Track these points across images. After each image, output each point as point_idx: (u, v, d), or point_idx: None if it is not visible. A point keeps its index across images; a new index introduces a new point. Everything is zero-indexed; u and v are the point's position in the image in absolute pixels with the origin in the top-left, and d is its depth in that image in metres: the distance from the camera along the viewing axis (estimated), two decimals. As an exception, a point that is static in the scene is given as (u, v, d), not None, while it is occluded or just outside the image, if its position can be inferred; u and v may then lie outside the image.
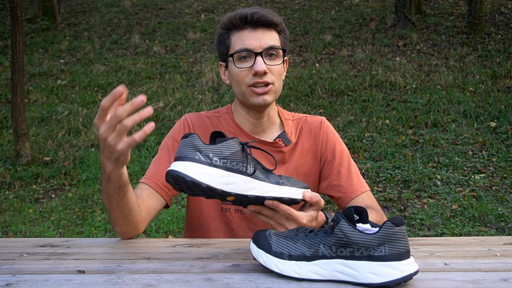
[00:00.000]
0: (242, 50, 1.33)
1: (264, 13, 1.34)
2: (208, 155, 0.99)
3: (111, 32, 9.67)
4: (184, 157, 0.99)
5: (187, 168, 0.97)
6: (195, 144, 1.00)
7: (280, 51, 1.36)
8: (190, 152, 0.99)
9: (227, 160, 1.00)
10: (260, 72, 1.31)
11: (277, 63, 1.35)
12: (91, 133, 6.24)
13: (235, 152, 1.02)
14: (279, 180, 1.08)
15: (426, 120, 5.89)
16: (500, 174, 4.79)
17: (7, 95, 7.33)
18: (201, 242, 1.25)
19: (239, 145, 1.04)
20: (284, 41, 1.40)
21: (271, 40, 1.34)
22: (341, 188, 1.42)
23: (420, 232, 3.87)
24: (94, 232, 4.17)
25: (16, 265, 1.06)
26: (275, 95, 1.37)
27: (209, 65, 7.76)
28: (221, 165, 1.00)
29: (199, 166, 0.98)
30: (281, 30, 1.38)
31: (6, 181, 5.38)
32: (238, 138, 1.06)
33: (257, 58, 1.31)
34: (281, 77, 1.39)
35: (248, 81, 1.33)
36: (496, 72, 6.86)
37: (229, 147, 1.02)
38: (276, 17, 1.36)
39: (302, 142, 1.45)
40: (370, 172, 4.91)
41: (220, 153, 1.00)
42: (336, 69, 7.44)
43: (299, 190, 1.09)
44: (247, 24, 1.34)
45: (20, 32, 5.71)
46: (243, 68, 1.33)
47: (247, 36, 1.33)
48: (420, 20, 8.85)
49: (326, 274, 0.92)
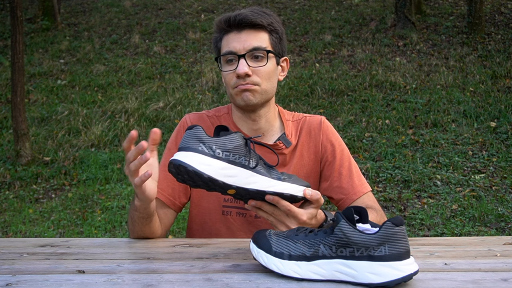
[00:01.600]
0: (227, 53, 1.33)
1: (247, 14, 1.32)
2: (211, 147, 1.00)
3: (111, 32, 9.67)
4: (187, 147, 1.00)
5: (190, 158, 0.98)
6: (199, 136, 1.01)
7: (268, 52, 1.33)
8: (194, 143, 1.00)
9: (229, 153, 1.01)
10: (242, 75, 1.30)
11: (262, 64, 1.32)
12: (91, 133, 6.24)
13: (238, 145, 1.03)
14: (280, 176, 1.08)
15: (426, 120, 5.89)
16: (500, 174, 4.79)
17: (7, 95, 7.33)
18: (201, 242, 1.25)
19: (242, 140, 1.04)
20: (276, 41, 1.36)
21: (256, 41, 1.32)
22: (343, 189, 1.40)
23: (420, 232, 3.87)
24: (94, 232, 4.17)
25: (16, 265, 1.06)
26: (262, 96, 1.34)
27: (209, 65, 7.76)
28: (224, 157, 1.00)
29: (201, 157, 0.99)
30: (272, 30, 1.35)
31: (6, 181, 5.38)
32: (242, 133, 1.06)
33: (240, 60, 1.30)
34: (272, 79, 1.36)
35: (233, 84, 1.33)
36: (496, 72, 6.86)
37: (232, 141, 1.02)
38: (263, 18, 1.33)
39: (302, 143, 1.44)
40: (370, 172, 4.91)
41: (223, 145, 1.01)
42: (336, 69, 7.45)
43: (300, 187, 1.09)
44: (232, 27, 1.33)
45: (20, 32, 5.71)
46: (228, 71, 1.33)
47: (232, 38, 1.33)
48: (420, 20, 8.85)
49: (326, 274, 0.92)
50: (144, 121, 6.47)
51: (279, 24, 1.38)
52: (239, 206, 1.40)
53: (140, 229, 1.28)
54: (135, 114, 6.62)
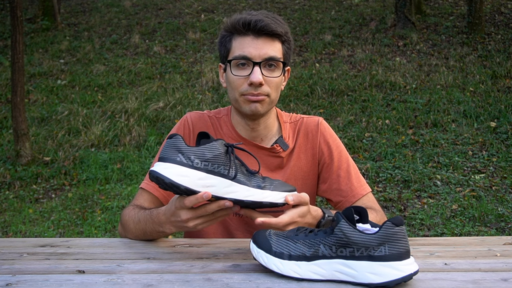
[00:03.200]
0: (241, 57, 1.29)
1: (269, 21, 1.29)
2: (189, 157, 1.00)
3: (111, 32, 9.67)
4: (166, 158, 1.01)
5: (167, 170, 0.99)
6: (178, 146, 1.01)
7: (281, 63, 1.32)
8: (172, 154, 1.00)
9: (208, 162, 1.01)
10: (256, 83, 1.28)
11: (276, 75, 1.31)
12: (91, 133, 6.24)
13: (218, 154, 1.02)
14: (261, 183, 1.07)
15: (426, 120, 5.89)
16: (500, 174, 4.79)
17: (7, 95, 7.33)
18: (201, 242, 1.25)
19: (223, 147, 1.04)
20: (287, 51, 1.35)
21: (272, 50, 1.30)
22: (341, 192, 1.39)
23: (420, 232, 3.87)
24: (94, 232, 4.17)
25: (16, 265, 1.06)
26: (269, 106, 1.34)
27: (209, 65, 7.76)
28: (202, 167, 1.00)
29: (179, 168, 0.99)
30: (285, 40, 1.34)
31: (6, 181, 5.38)
32: (224, 140, 1.06)
33: (255, 68, 1.28)
34: (279, 89, 1.36)
35: (242, 90, 1.30)
36: (496, 72, 6.86)
37: (212, 149, 1.02)
38: (281, 27, 1.31)
39: (300, 145, 1.43)
40: (370, 172, 4.91)
41: (202, 155, 1.01)
42: (336, 69, 7.44)
43: (281, 193, 1.08)
44: (250, 31, 1.29)
45: (20, 32, 5.71)
46: (239, 76, 1.30)
47: (248, 43, 1.29)
48: (420, 20, 8.85)
49: (326, 274, 0.92)
50: (144, 121, 6.47)
51: (290, 34, 1.37)
52: None
53: (144, 237, 1.26)
54: (135, 114, 6.62)
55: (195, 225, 1.07)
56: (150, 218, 1.20)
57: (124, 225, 1.31)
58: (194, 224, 1.07)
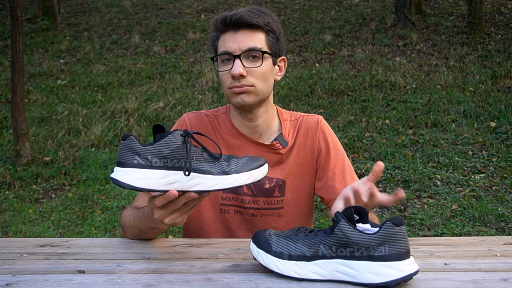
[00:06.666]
0: (223, 53, 1.32)
1: (244, 14, 1.31)
2: (147, 157, 0.97)
3: (111, 32, 9.67)
4: (123, 163, 0.97)
5: (126, 176, 0.96)
6: (133, 147, 0.97)
7: (263, 52, 1.32)
8: (129, 157, 0.97)
9: (167, 159, 0.97)
10: (237, 76, 1.29)
11: (257, 65, 1.32)
12: (91, 133, 6.24)
13: (176, 148, 0.98)
14: (225, 168, 1.02)
15: (426, 120, 5.89)
16: (500, 174, 4.79)
17: (7, 95, 7.33)
18: (201, 242, 1.25)
19: (180, 138, 0.99)
20: (274, 41, 1.35)
21: (251, 42, 1.31)
22: (335, 189, 1.40)
23: (420, 232, 3.87)
24: (94, 232, 4.17)
25: (16, 265, 1.06)
26: (257, 96, 1.34)
27: (209, 65, 7.76)
28: (162, 165, 0.97)
29: (138, 172, 0.96)
30: (269, 30, 1.34)
31: (6, 181, 5.38)
32: (180, 130, 1.02)
33: (235, 60, 1.30)
34: (268, 79, 1.35)
35: (228, 84, 1.32)
36: (496, 72, 6.86)
37: (168, 144, 0.98)
38: (260, 18, 1.32)
39: (299, 142, 1.44)
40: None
41: (159, 152, 0.97)
42: (336, 69, 7.44)
43: (248, 174, 1.03)
44: (228, 27, 1.32)
45: (20, 32, 5.71)
46: (224, 71, 1.33)
47: (228, 38, 1.32)
48: (420, 20, 8.85)
49: (326, 274, 0.92)
50: (144, 121, 6.48)
51: (276, 24, 1.36)
52: (236, 204, 1.41)
53: (141, 235, 1.26)
54: (135, 114, 6.62)
55: (171, 220, 1.05)
56: (143, 216, 1.20)
57: (122, 225, 1.32)
58: (170, 219, 1.04)
